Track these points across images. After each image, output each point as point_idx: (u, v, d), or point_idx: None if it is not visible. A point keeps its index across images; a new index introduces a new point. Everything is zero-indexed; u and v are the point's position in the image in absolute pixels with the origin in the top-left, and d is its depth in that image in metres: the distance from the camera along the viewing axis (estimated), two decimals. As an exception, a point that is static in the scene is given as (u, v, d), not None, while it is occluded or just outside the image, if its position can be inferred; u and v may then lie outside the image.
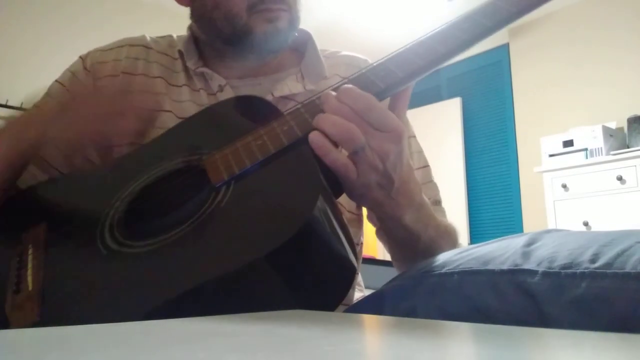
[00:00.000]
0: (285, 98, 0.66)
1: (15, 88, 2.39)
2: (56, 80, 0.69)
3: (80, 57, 0.70)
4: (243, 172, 0.45)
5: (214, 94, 0.66)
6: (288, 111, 0.49)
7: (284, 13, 0.63)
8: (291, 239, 0.36)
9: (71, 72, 0.69)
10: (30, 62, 2.54)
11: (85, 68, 0.68)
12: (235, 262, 0.37)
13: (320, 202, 0.39)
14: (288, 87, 0.67)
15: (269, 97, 0.66)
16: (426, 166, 0.72)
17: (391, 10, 3.32)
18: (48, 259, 0.46)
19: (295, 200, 0.40)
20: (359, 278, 0.75)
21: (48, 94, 0.68)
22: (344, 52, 0.76)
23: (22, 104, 2.20)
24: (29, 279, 0.44)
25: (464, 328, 0.26)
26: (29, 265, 0.46)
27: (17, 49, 2.63)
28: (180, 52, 0.69)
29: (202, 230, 0.41)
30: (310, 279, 0.40)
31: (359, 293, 0.73)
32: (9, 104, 2.49)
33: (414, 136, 0.73)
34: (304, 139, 0.45)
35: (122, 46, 0.71)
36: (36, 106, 0.67)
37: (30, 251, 0.47)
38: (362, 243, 0.72)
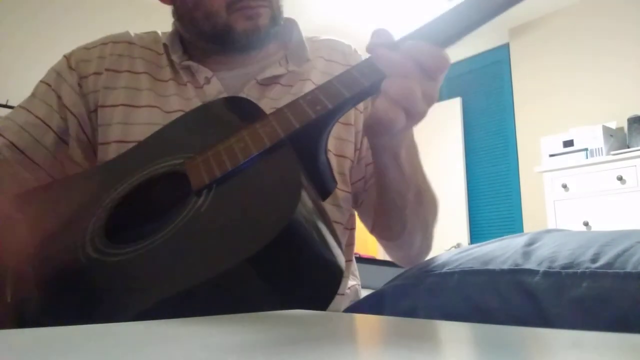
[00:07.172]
0: (269, 82, 0.67)
1: (15, 88, 2.39)
2: (41, 81, 0.68)
3: (65, 56, 0.70)
4: (224, 175, 0.44)
5: (201, 87, 0.66)
6: (271, 112, 0.49)
7: (264, 9, 0.63)
8: (273, 242, 0.35)
9: (56, 72, 0.68)
10: (31, 62, 2.54)
11: (70, 67, 0.68)
12: (215, 267, 0.36)
13: (303, 204, 0.38)
14: (271, 71, 0.67)
15: (252, 83, 0.66)
16: None
17: (390, 11, 3.33)
18: (29, 268, 0.45)
19: (277, 202, 0.39)
20: (354, 267, 0.75)
21: (34, 94, 0.68)
22: (325, 37, 0.76)
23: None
24: (8, 289, 0.44)
25: (464, 328, 0.26)
26: (9, 275, 0.45)
27: (17, 49, 2.63)
28: (165, 45, 0.69)
29: (182, 236, 0.40)
30: (296, 281, 0.39)
31: (352, 281, 0.73)
32: (9, 104, 2.49)
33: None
34: (287, 140, 0.44)
35: (105, 43, 0.70)
36: (21, 107, 0.67)
37: None
38: (354, 229, 0.72)
